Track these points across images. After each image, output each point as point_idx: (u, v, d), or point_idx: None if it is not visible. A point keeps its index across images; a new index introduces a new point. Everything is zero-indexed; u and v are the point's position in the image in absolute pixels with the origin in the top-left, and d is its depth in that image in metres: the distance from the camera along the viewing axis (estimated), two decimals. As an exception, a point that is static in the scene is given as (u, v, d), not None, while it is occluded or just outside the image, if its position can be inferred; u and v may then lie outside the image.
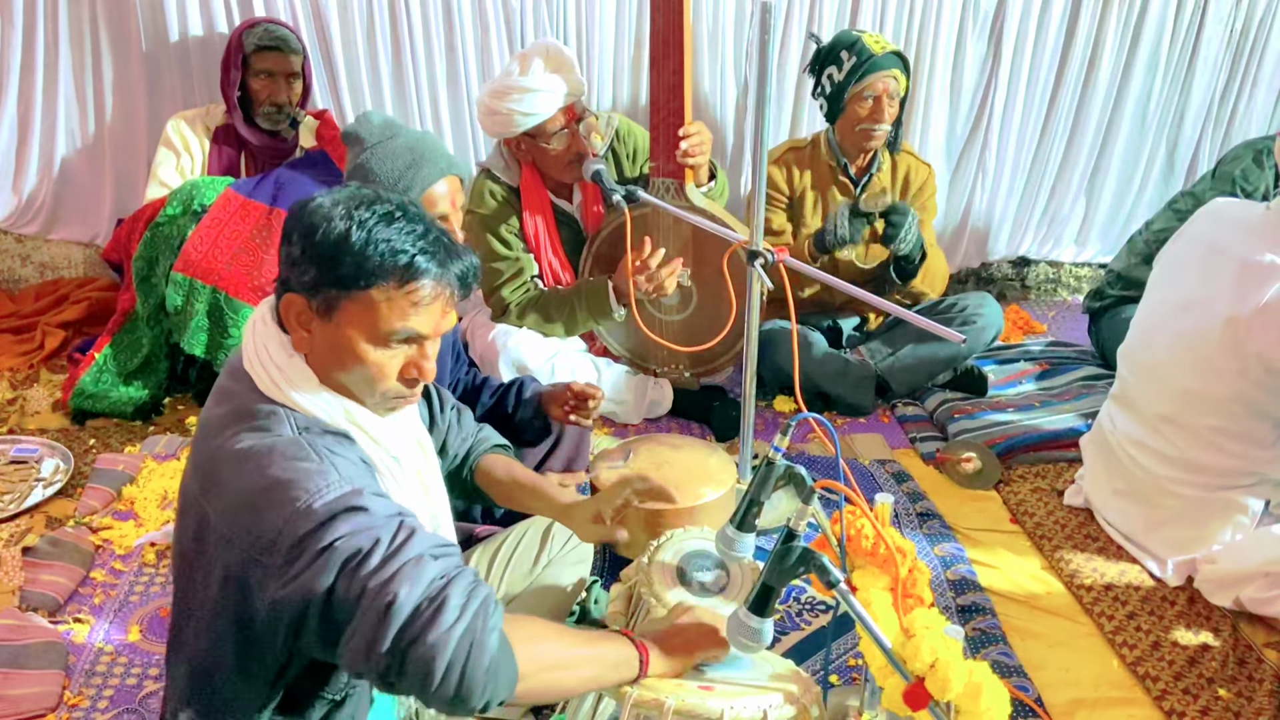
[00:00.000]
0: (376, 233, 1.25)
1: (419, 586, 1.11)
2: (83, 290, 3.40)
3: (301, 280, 1.27)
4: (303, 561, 1.13)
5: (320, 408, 1.29)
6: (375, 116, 1.95)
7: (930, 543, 2.45)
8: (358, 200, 1.28)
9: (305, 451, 1.21)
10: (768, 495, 1.52)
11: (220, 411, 1.31)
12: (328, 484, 1.17)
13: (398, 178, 1.87)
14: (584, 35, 3.32)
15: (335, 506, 1.15)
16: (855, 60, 2.85)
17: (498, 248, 2.80)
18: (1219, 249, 2.20)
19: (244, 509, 1.18)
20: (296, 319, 1.30)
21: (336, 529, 1.13)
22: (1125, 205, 3.97)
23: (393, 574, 1.11)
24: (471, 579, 1.16)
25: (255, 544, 1.16)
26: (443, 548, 1.19)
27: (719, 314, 2.44)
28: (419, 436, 1.50)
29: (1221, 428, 2.19)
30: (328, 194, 1.30)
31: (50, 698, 1.88)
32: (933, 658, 1.33)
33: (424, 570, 1.13)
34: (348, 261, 1.24)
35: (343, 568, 1.12)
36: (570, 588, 1.90)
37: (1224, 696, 1.99)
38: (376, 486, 1.26)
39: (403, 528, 1.17)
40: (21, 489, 2.51)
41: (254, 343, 1.33)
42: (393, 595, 1.10)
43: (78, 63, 3.22)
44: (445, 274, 1.29)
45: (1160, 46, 3.66)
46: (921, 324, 1.99)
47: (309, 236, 1.26)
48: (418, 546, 1.15)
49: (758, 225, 2.22)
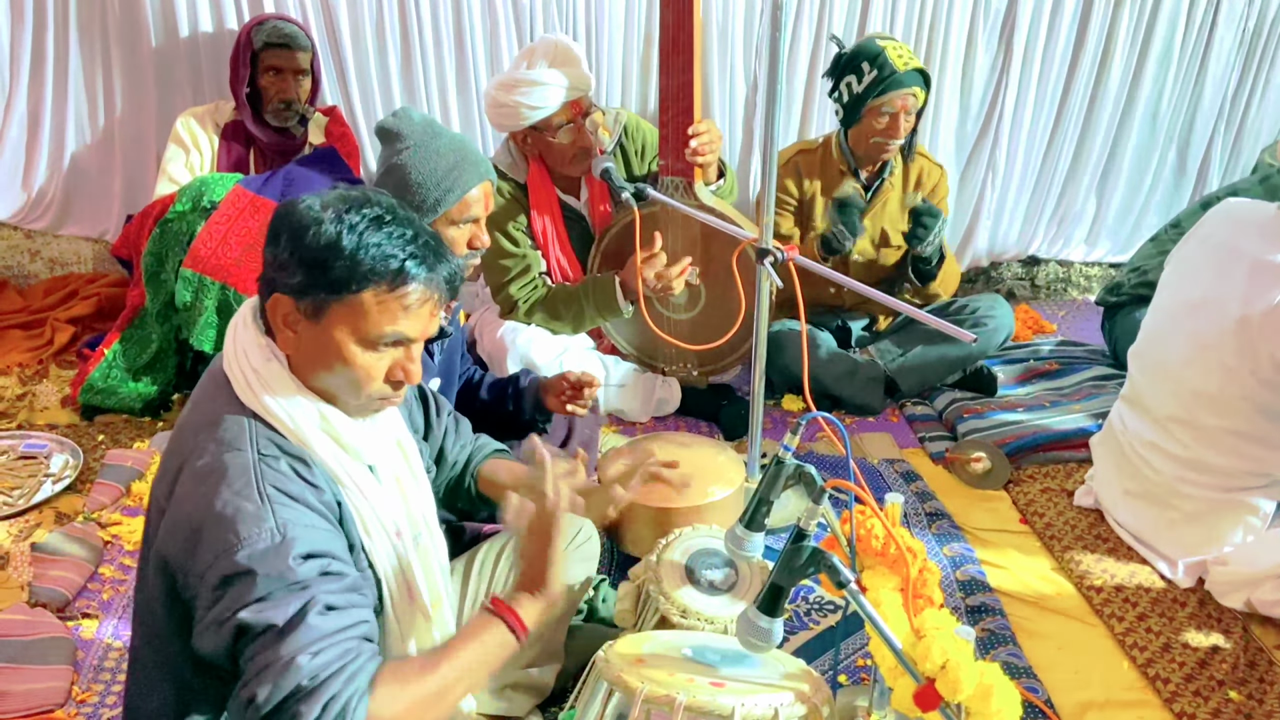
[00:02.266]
0: (367, 237, 1.25)
1: (278, 693, 1.13)
2: (92, 286, 3.40)
3: (289, 282, 1.27)
4: (218, 609, 1.18)
5: (292, 415, 1.29)
6: (415, 114, 1.95)
7: (939, 543, 2.44)
8: (347, 203, 1.28)
9: (250, 490, 1.22)
10: (777, 494, 1.51)
11: (192, 417, 1.33)
12: (259, 533, 1.18)
13: (440, 179, 1.88)
14: (593, 32, 3.31)
15: (254, 562, 1.17)
16: (877, 74, 2.80)
17: (505, 245, 2.80)
18: (1231, 249, 2.19)
19: (183, 533, 1.22)
20: (283, 320, 1.30)
21: (247, 590, 1.16)
22: (1136, 205, 3.95)
23: (262, 669, 1.14)
24: (338, 686, 1.14)
25: (188, 570, 1.21)
26: (334, 635, 1.17)
27: (728, 312, 2.44)
28: (399, 436, 1.49)
29: (1233, 428, 2.17)
30: (315, 196, 1.30)
31: (59, 693, 1.88)
32: (944, 659, 1.32)
33: (289, 675, 1.13)
34: (338, 266, 1.25)
35: (236, 635, 1.17)
36: (578, 586, 1.89)
37: (1235, 699, 1.98)
38: (315, 535, 1.24)
39: (301, 611, 1.17)
40: (30, 484, 2.51)
41: (234, 345, 1.33)
42: (253, 693, 1.13)
43: (88, 59, 3.22)
44: (434, 278, 1.30)
45: (1172, 46, 3.65)
46: (935, 324, 1.98)
47: (298, 239, 1.25)
48: (302, 639, 1.15)
49: (767, 223, 2.22)
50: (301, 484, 1.27)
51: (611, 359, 2.98)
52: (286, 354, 1.32)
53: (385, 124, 1.94)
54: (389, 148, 1.93)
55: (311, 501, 1.27)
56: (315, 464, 1.30)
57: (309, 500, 1.27)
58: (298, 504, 1.25)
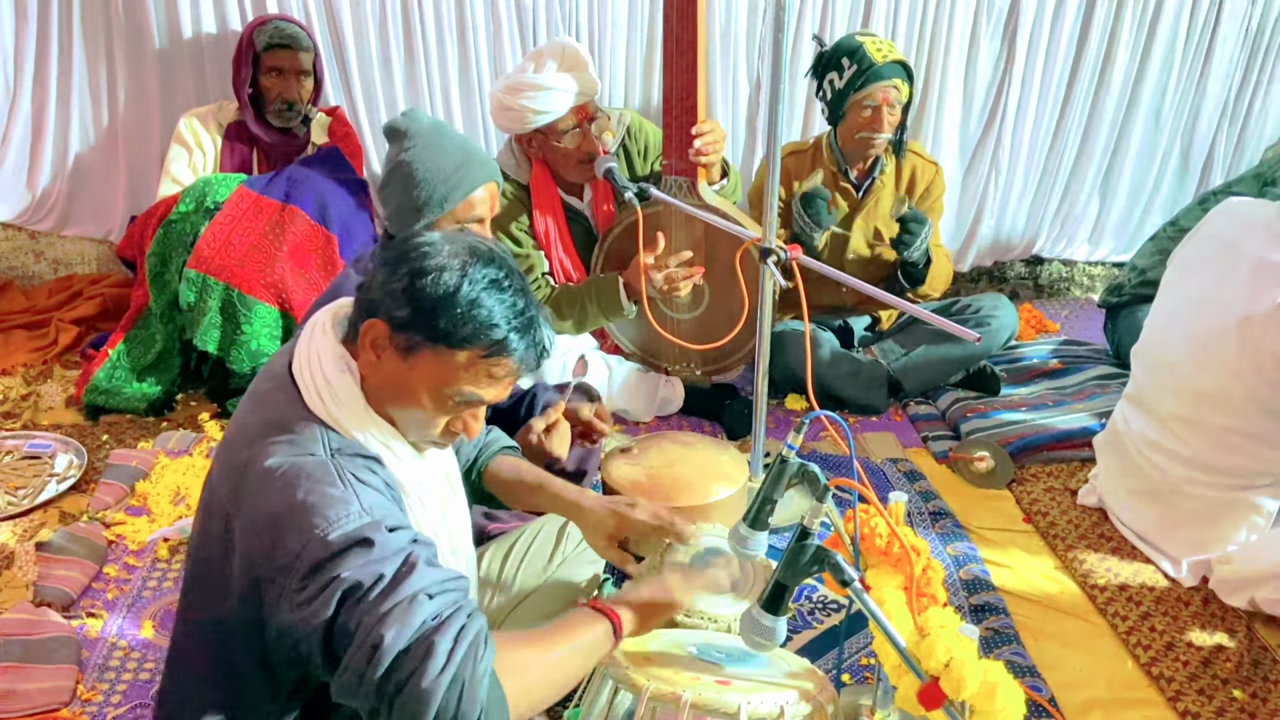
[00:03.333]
0: (483, 298, 1.26)
1: (408, 630, 1.11)
2: (96, 286, 3.41)
3: (394, 313, 1.28)
4: (312, 589, 1.15)
5: (359, 430, 1.30)
6: (424, 116, 1.97)
7: (943, 542, 2.44)
8: (474, 255, 1.29)
9: (332, 476, 1.22)
10: (781, 493, 1.52)
11: (255, 418, 1.31)
12: (348, 514, 1.18)
13: (445, 177, 1.89)
14: (596, 32, 3.31)
15: (351, 538, 1.16)
16: (856, 69, 2.82)
17: (508, 245, 2.80)
18: (1233, 248, 2.19)
19: (266, 529, 1.19)
20: (372, 343, 1.31)
21: (347, 561, 1.15)
22: (1139, 204, 3.95)
23: (385, 613, 1.12)
24: (463, 620, 1.15)
25: (273, 564, 1.18)
26: (445, 583, 1.19)
27: (731, 312, 2.44)
28: (448, 469, 1.51)
29: (1236, 428, 2.17)
30: (444, 238, 1.31)
31: (63, 692, 1.89)
32: (948, 657, 1.32)
33: (416, 612, 1.13)
34: (446, 318, 1.26)
35: (343, 600, 1.14)
36: (584, 584, 1.89)
37: (1239, 698, 1.98)
38: (398, 515, 1.26)
39: (407, 562, 1.17)
40: (35, 484, 2.52)
41: (309, 349, 1.33)
42: (380, 637, 1.10)
43: (92, 59, 3.23)
44: (529, 355, 1.32)
45: (1175, 44, 3.64)
46: (939, 324, 1.98)
47: (417, 276, 1.26)
48: (418, 583, 1.15)
49: (770, 223, 2.22)
50: (376, 478, 1.28)
51: (615, 359, 2.99)
52: (359, 374, 1.33)
53: (394, 123, 1.95)
54: (396, 145, 1.94)
55: (385, 492, 1.28)
56: (385, 468, 1.32)
57: (383, 490, 1.28)
58: (375, 491, 1.25)
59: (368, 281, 1.33)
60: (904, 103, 2.91)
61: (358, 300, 1.34)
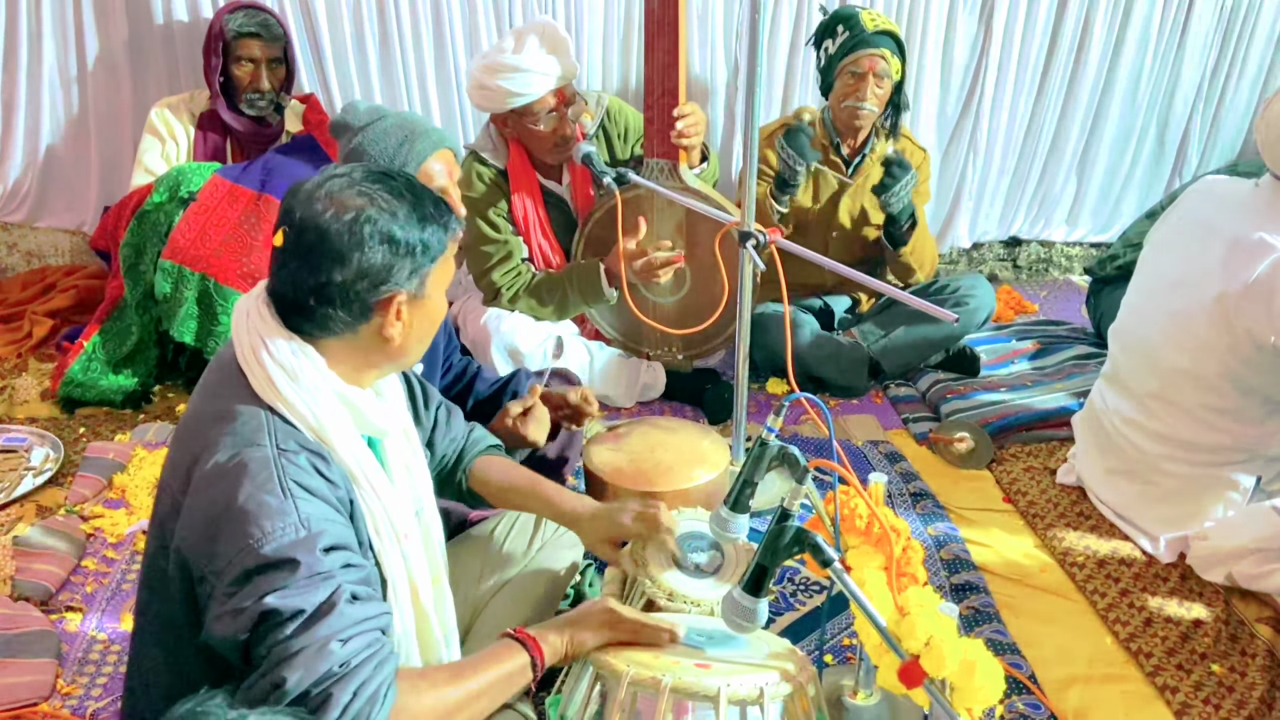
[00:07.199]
0: (425, 198, 1.31)
1: (310, 676, 1.12)
2: (70, 278, 3.37)
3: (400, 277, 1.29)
4: (239, 598, 1.16)
5: (314, 407, 1.28)
6: (360, 104, 1.96)
7: (924, 522, 2.45)
8: (373, 188, 1.28)
9: (273, 482, 1.21)
10: (761, 476, 1.51)
11: (207, 409, 1.30)
12: (284, 526, 1.18)
13: (393, 155, 1.87)
14: (574, 15, 3.29)
15: (282, 554, 1.16)
16: (847, 35, 2.85)
17: (487, 231, 2.79)
18: (1209, 226, 2.20)
19: (205, 527, 1.20)
20: (397, 314, 1.31)
21: (273, 579, 1.15)
22: (1116, 184, 3.97)
23: (293, 653, 1.13)
24: (369, 671, 1.15)
25: (208, 564, 1.19)
26: (362, 623, 1.18)
27: (712, 296, 2.43)
28: (404, 425, 1.50)
29: (1212, 405, 2.19)
30: (340, 202, 1.26)
31: (43, 686, 1.87)
32: (927, 635, 1.33)
33: (323, 660, 1.13)
34: (431, 229, 1.31)
35: (259, 622, 1.15)
36: (564, 571, 1.89)
37: (1217, 671, 2.00)
38: (337, 529, 1.24)
39: (329, 600, 1.17)
40: (11, 478, 2.49)
41: (247, 339, 1.31)
42: (283, 679, 1.12)
43: (61, 48, 3.18)
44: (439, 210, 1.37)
45: (1151, 25, 3.66)
46: (915, 304, 1.98)
47: (391, 236, 1.27)
48: (334, 624, 1.15)
49: (749, 206, 2.21)
50: (320, 479, 1.27)
51: (596, 344, 2.98)
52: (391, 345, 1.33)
53: (335, 119, 1.94)
54: (343, 140, 1.92)
55: (329, 496, 1.27)
56: (333, 461, 1.30)
57: (327, 495, 1.27)
58: (317, 498, 1.25)
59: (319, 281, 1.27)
60: (895, 80, 2.91)
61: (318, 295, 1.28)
